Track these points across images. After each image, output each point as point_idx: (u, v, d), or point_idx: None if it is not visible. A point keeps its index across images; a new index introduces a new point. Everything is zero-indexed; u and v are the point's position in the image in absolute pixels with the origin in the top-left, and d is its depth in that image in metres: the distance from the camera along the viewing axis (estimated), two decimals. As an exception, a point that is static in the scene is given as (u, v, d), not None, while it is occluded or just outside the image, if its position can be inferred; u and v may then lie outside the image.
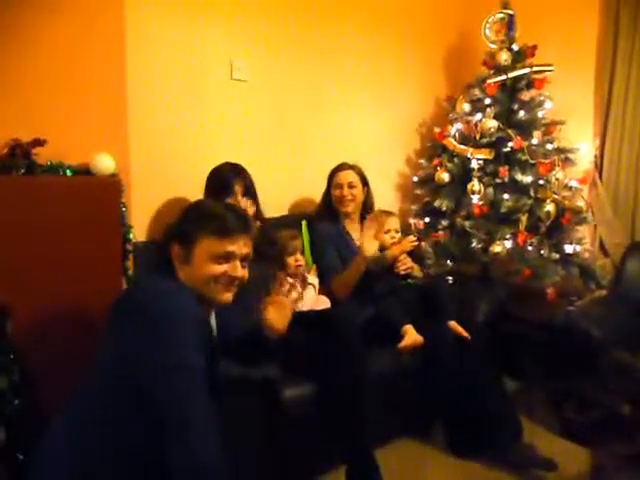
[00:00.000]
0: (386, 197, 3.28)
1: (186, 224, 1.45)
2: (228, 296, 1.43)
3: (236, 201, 2.08)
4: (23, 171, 1.88)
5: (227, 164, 2.21)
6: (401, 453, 2.20)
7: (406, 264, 2.50)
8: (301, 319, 2.12)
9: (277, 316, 1.69)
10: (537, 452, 2.10)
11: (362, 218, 2.66)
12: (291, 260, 2.33)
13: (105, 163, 2.08)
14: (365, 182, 2.66)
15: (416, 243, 2.51)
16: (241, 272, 1.44)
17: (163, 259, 1.45)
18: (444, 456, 2.19)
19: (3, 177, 1.84)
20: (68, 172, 1.99)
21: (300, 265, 2.35)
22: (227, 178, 2.11)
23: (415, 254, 2.65)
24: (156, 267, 1.54)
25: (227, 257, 1.41)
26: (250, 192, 2.16)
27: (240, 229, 1.44)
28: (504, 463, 2.09)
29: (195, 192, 2.19)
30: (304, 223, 2.62)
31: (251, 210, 2.14)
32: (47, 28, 2.10)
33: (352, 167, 2.63)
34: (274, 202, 2.64)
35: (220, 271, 1.40)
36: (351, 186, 2.58)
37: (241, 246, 1.44)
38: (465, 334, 2.27)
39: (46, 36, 2.10)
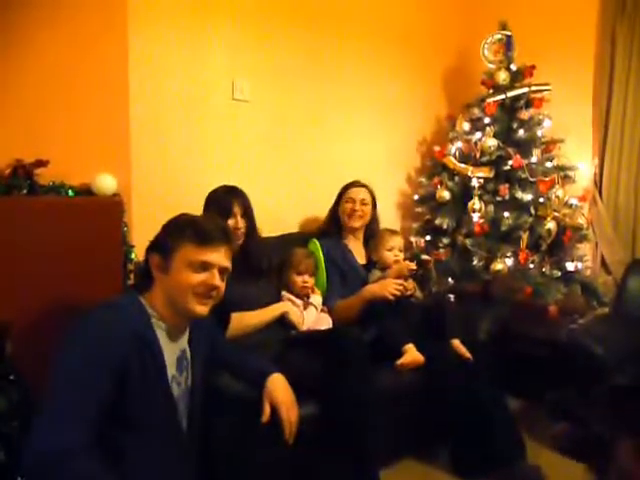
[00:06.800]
0: (387, 215, 3.28)
1: (166, 234, 1.43)
2: (203, 309, 1.41)
3: (235, 222, 2.08)
4: (25, 191, 1.90)
5: (225, 187, 2.19)
6: (406, 474, 2.17)
7: (408, 289, 2.40)
8: (304, 339, 2.12)
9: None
10: (541, 472, 2.07)
11: (365, 238, 2.68)
12: (298, 279, 2.28)
13: (107, 183, 2.10)
14: (374, 203, 2.68)
15: (414, 268, 2.46)
16: (219, 282, 1.41)
17: (142, 271, 1.46)
18: (449, 477, 2.15)
19: (5, 197, 1.86)
20: (70, 192, 2.00)
21: (306, 287, 2.29)
22: (227, 201, 2.11)
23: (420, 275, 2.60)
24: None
25: (205, 266, 1.39)
26: (247, 213, 2.16)
27: (220, 238, 1.42)
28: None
29: (196, 212, 2.16)
30: (316, 241, 2.56)
31: (243, 229, 2.13)
32: (49, 49, 2.12)
33: (365, 186, 2.67)
34: (276, 221, 2.66)
35: (198, 280, 1.38)
36: (363, 203, 2.61)
37: (221, 256, 1.42)
38: (467, 354, 2.24)
39: (48, 57, 2.12)
